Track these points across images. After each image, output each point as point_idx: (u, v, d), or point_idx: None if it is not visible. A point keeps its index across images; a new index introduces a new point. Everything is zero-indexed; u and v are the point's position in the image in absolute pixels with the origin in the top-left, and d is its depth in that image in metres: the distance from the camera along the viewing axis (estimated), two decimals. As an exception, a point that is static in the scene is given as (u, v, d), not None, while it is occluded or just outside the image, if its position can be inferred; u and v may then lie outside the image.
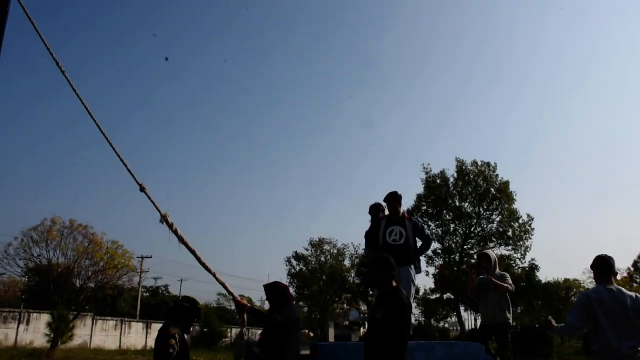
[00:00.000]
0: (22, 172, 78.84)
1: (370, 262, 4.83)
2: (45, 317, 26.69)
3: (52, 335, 23.20)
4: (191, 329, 5.09)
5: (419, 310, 42.31)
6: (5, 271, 32.71)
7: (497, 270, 7.47)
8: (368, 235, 7.04)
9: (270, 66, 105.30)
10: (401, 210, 6.85)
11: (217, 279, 4.77)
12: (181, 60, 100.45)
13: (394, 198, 6.77)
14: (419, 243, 6.83)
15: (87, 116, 4.25)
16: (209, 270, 4.65)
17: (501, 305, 7.10)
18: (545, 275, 57.00)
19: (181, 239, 4.45)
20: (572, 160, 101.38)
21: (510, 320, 7.15)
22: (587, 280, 37.62)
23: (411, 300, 5.22)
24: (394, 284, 4.33)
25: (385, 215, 6.91)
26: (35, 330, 28.72)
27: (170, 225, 4.40)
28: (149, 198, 4.36)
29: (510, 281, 7.26)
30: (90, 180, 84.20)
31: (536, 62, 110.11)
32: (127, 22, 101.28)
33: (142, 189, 4.34)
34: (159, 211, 4.37)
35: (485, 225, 32.60)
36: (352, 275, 40.05)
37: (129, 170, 4.31)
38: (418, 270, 6.73)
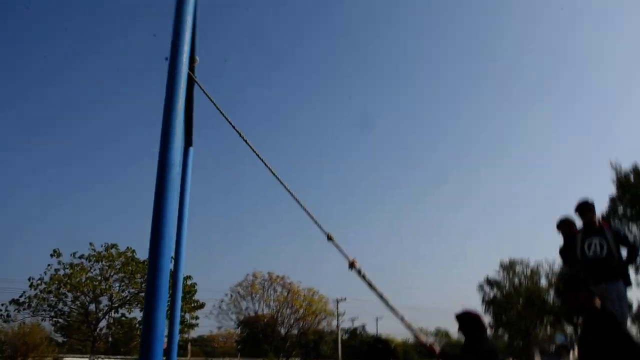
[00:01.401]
0: (220, 234, 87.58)
1: (563, 287, 4.60)
2: (259, 365, 29.15)
3: (268, 382, 25.28)
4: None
5: (638, 328, 37.10)
6: (222, 325, 36.81)
7: None
8: (563, 252, 6.66)
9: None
10: (597, 220, 6.37)
11: (405, 324, 4.84)
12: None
13: (587, 207, 6.27)
14: (624, 253, 6.25)
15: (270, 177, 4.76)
16: (396, 315, 4.78)
17: None
18: None
19: (370, 285, 4.66)
20: None
21: None
22: None
23: (626, 318, 4.82)
24: (597, 303, 4.06)
25: (580, 228, 6.47)
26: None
27: (358, 271, 4.66)
28: (337, 246, 4.68)
29: None
30: (279, 233, 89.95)
31: None
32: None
33: (330, 238, 4.70)
34: (347, 258, 4.67)
35: (702, 219, 28.10)
36: (551, 295, 36.95)
37: (315, 222, 4.69)
38: (628, 284, 6.13)
